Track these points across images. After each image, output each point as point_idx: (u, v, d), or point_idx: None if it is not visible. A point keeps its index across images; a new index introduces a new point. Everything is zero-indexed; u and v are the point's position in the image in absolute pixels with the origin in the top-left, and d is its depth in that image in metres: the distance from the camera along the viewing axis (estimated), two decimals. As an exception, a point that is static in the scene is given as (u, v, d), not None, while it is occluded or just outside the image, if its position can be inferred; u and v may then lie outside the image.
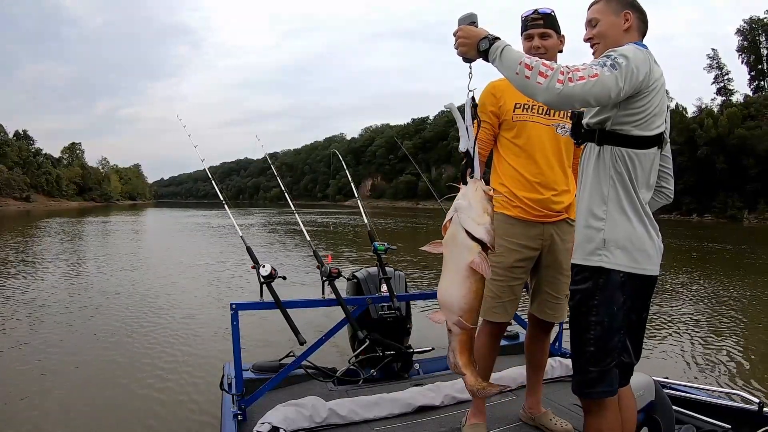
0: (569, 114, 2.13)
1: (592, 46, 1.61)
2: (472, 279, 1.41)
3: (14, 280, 8.99)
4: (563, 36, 2.13)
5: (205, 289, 8.21)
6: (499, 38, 1.42)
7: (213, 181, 3.03)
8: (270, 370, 2.63)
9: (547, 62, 1.34)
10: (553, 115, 2.13)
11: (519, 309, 2.32)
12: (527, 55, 1.37)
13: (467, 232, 1.40)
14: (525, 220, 2.12)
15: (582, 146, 1.61)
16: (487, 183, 1.54)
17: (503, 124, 2.17)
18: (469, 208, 1.42)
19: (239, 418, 2.27)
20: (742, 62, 52.69)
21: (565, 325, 3.04)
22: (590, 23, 1.61)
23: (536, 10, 2.09)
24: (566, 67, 1.34)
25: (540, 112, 2.13)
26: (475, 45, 1.45)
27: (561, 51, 2.14)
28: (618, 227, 1.48)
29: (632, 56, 1.37)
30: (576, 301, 1.54)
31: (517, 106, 2.13)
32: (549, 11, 2.10)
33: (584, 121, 1.57)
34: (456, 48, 1.51)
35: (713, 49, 53.70)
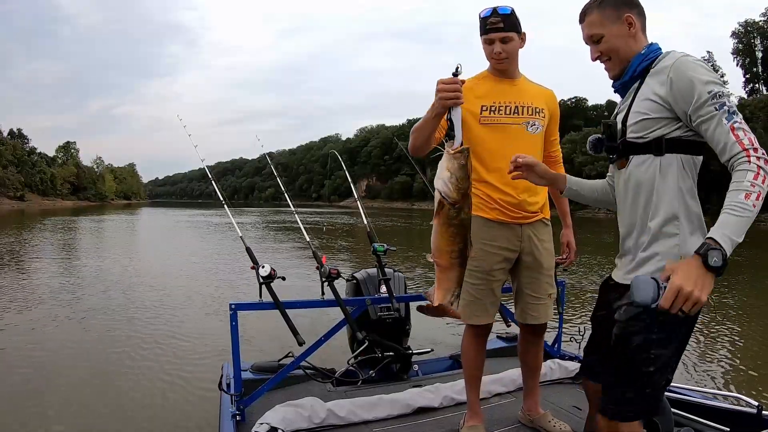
0: (539, 111, 2.08)
1: (602, 62, 1.49)
2: (435, 224, 1.55)
3: (10, 279, 8.95)
4: (524, 34, 2.04)
5: (204, 289, 8.17)
6: (719, 244, 1.19)
7: (214, 182, 3.02)
8: (269, 370, 2.62)
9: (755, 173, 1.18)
10: (522, 114, 2.08)
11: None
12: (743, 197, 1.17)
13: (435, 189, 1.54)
14: (503, 222, 2.09)
15: (610, 156, 1.50)
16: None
17: None
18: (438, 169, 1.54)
19: (238, 418, 2.27)
20: (737, 65, 52.92)
21: (566, 326, 3.05)
22: (592, 39, 1.46)
23: (495, 9, 1.95)
24: (755, 152, 1.20)
25: (507, 112, 2.06)
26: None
27: (522, 47, 2.05)
28: (690, 245, 1.34)
29: (726, 90, 1.31)
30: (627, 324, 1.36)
31: (484, 108, 2.05)
32: (509, 10, 1.96)
33: (639, 135, 1.40)
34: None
35: (708, 52, 53.70)
